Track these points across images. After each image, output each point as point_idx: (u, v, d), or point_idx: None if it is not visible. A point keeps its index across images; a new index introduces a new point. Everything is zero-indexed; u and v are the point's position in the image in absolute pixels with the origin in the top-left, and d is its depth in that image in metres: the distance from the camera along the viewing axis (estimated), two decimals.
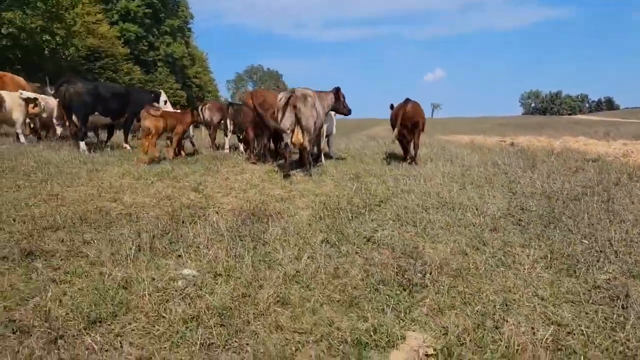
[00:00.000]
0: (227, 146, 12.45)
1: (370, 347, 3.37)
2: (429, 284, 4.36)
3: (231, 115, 11.99)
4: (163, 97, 12.76)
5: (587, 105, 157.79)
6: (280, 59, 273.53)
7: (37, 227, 5.44)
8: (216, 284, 4.28)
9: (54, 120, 11.67)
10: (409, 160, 10.82)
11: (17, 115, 10.98)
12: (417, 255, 5.03)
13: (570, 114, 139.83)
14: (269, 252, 5.00)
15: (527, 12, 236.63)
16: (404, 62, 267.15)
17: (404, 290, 4.28)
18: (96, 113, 10.60)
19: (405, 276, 4.42)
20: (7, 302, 3.79)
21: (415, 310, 3.92)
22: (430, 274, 4.52)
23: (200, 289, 4.15)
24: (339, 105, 10.51)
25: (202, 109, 12.42)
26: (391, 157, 12.04)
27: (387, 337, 3.44)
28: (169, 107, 12.91)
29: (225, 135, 12.60)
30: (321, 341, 3.46)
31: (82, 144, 10.44)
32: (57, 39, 29.14)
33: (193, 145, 12.04)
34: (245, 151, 12.17)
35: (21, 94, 11.19)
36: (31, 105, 11.06)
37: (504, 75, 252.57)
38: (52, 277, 4.28)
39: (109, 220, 5.88)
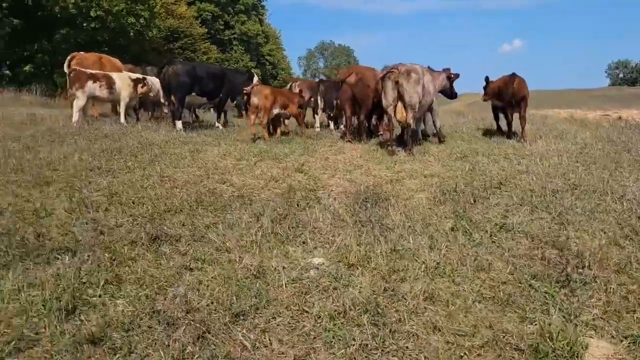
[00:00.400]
0: (317, 124, 12.20)
1: (549, 356, 2.95)
2: (590, 281, 3.85)
3: (322, 93, 11.71)
4: (256, 77, 12.64)
5: None
6: (352, 34, 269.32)
7: (156, 210, 5.40)
8: (352, 275, 3.99)
9: (162, 101, 11.92)
10: (518, 138, 10.05)
11: (126, 95, 11.27)
12: (563, 246, 4.51)
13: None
14: (398, 240, 4.64)
15: None
16: (479, 33, 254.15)
17: (563, 287, 3.80)
18: (193, 93, 10.65)
19: (564, 271, 3.93)
20: (146, 290, 3.69)
21: (586, 312, 3.44)
22: (589, 268, 4.00)
23: (337, 281, 3.88)
24: (450, 86, 10.01)
25: (292, 86, 12.21)
26: (491, 134, 11.30)
27: (568, 345, 3.00)
28: None
29: (315, 113, 12.35)
30: (487, 346, 3.08)
31: (179, 124, 10.53)
32: (141, 21, 29.91)
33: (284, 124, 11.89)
34: (336, 129, 11.88)
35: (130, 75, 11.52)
36: (140, 85, 11.39)
37: (587, 45, 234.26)
38: (183, 264, 4.15)
39: (222, 203, 5.76)
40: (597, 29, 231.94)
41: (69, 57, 12.35)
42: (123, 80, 11.24)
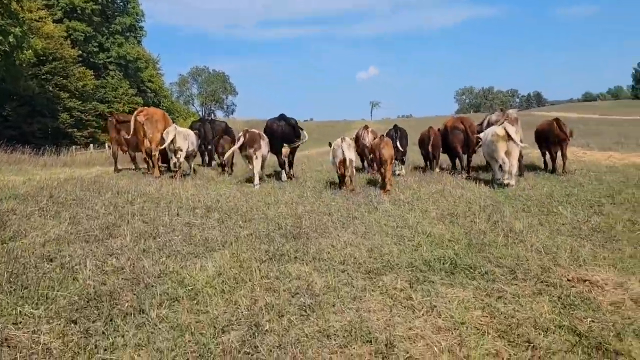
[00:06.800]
0: (402, 171, 11.82)
1: None
2: None
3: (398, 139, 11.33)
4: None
5: (517, 99, 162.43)
6: (216, 60, 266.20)
7: None
8: None
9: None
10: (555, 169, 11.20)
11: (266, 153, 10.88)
12: None
13: (502, 109, 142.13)
14: None
15: (456, 11, 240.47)
16: (337, 61, 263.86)
17: None
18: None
19: None
20: None
21: None
22: None
23: None
24: None
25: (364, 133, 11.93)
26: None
27: None
28: None
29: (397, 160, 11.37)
30: None
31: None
32: (11, 40, 23.73)
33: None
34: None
35: None
36: None
37: (437, 72, 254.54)
38: None
39: None
40: (445, 57, 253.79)
41: (137, 111, 11.85)
42: (264, 138, 10.58)
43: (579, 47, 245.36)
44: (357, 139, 12.01)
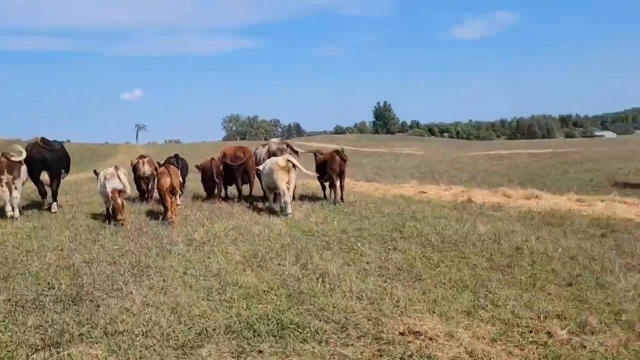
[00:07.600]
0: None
1: None
2: None
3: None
4: None
5: (279, 129, 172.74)
6: None
7: None
8: None
9: None
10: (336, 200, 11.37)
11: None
12: None
13: (266, 138, 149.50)
14: None
15: (222, 40, 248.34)
16: (99, 80, 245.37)
17: None
18: None
19: None
20: None
21: None
22: None
23: None
24: None
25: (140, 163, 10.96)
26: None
27: None
28: None
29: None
30: None
31: None
32: None
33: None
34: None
35: None
36: None
37: (204, 99, 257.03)
38: None
39: None
40: (212, 85, 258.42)
41: None
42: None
43: (331, 85, 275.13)
44: (135, 170, 10.89)
